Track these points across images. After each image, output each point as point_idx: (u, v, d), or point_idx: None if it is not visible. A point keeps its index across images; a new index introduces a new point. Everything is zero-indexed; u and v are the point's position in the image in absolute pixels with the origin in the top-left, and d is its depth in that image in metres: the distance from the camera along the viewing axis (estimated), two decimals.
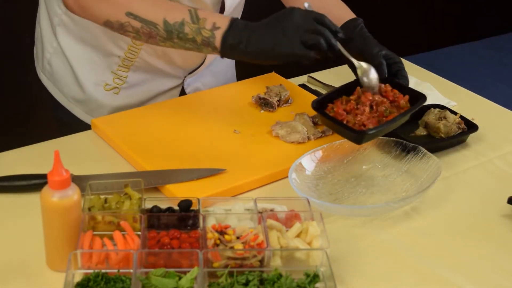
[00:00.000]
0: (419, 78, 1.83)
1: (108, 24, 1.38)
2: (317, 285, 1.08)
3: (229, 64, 1.84)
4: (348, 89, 1.43)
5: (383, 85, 1.42)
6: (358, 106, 1.38)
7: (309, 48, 1.32)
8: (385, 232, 1.26)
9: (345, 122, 1.35)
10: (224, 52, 1.34)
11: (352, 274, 1.16)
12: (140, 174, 1.36)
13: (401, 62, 1.49)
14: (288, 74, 1.81)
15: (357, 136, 1.34)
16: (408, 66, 1.94)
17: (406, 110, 1.39)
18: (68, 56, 1.63)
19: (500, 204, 1.34)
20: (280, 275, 1.07)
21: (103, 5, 1.36)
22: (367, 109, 1.36)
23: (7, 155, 1.45)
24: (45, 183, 1.09)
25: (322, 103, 1.41)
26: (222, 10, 1.58)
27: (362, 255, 1.20)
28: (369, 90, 1.41)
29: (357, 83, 1.43)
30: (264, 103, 1.61)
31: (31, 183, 1.31)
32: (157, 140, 1.46)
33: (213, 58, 1.70)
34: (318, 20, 1.34)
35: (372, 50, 1.46)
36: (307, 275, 1.08)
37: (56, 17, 1.62)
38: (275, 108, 1.60)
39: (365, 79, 1.41)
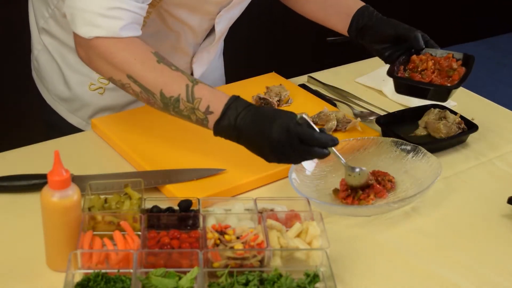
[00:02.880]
0: None
1: (112, 81, 1.37)
2: (317, 285, 1.08)
3: (218, 66, 1.83)
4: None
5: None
6: (422, 72, 1.47)
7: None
8: (385, 232, 1.26)
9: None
10: (217, 135, 1.31)
11: (352, 274, 1.16)
12: (140, 174, 1.36)
13: (425, 34, 1.56)
14: (288, 74, 1.81)
15: (447, 89, 1.44)
16: None
17: (468, 68, 1.48)
18: (54, 55, 1.63)
19: (500, 204, 1.34)
20: (280, 275, 1.07)
21: (107, 64, 1.35)
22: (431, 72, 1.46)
23: (7, 155, 1.45)
24: (45, 183, 1.09)
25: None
26: (212, 31, 1.59)
27: (362, 255, 1.20)
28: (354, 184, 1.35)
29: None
30: (264, 103, 1.61)
31: (31, 183, 1.31)
32: (157, 140, 1.47)
33: (203, 69, 1.69)
34: (302, 137, 1.24)
35: (401, 28, 1.53)
36: (307, 275, 1.08)
37: (42, 19, 1.61)
38: None
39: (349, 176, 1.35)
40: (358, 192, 1.33)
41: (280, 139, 1.24)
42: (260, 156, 1.29)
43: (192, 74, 1.65)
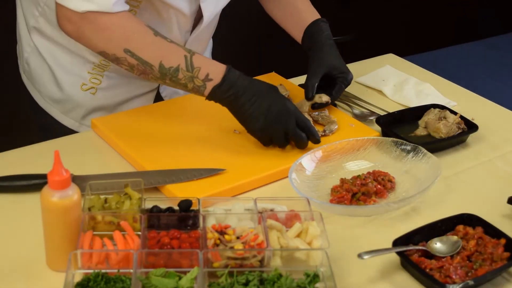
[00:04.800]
0: (419, 78, 1.83)
1: (103, 54, 1.40)
2: (317, 285, 1.08)
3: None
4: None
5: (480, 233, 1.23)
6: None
7: (272, 141, 1.42)
8: (385, 232, 1.26)
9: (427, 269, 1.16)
10: (210, 99, 1.40)
11: (352, 274, 1.16)
12: (140, 174, 1.36)
13: (345, 77, 1.59)
14: (288, 74, 1.81)
15: None
16: (408, 66, 1.94)
17: (500, 267, 1.16)
18: (44, 56, 1.62)
19: (500, 204, 1.34)
20: (280, 275, 1.07)
21: (101, 37, 1.37)
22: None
23: (7, 155, 1.45)
24: (45, 183, 1.09)
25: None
26: (200, 17, 1.58)
27: None
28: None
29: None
30: None
31: (31, 183, 1.31)
32: (157, 140, 1.46)
33: (198, 48, 1.68)
34: (299, 121, 1.40)
35: (332, 69, 1.58)
36: (307, 275, 1.08)
37: (33, 18, 1.60)
38: None
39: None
40: (357, 193, 1.33)
41: (280, 113, 1.37)
42: (244, 123, 1.39)
43: None
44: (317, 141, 1.43)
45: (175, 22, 1.55)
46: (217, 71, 1.38)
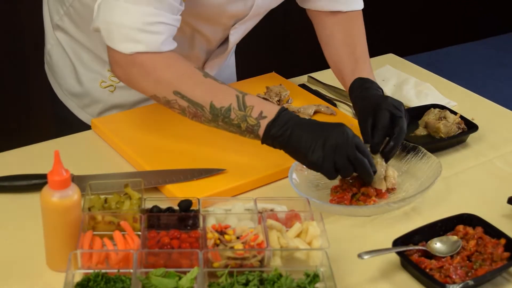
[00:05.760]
0: (419, 78, 1.83)
1: (154, 98, 1.35)
2: (317, 285, 1.08)
3: (229, 65, 1.84)
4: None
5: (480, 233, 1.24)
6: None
7: (337, 170, 1.28)
8: (385, 232, 1.26)
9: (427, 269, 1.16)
10: (266, 140, 1.31)
11: (352, 274, 1.16)
12: (140, 174, 1.36)
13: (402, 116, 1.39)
14: (288, 74, 1.81)
15: None
16: (408, 66, 1.94)
17: (500, 267, 1.16)
18: (67, 50, 1.63)
19: (500, 204, 1.34)
20: (280, 275, 1.07)
21: (150, 80, 1.32)
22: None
23: (7, 155, 1.45)
24: (45, 183, 1.09)
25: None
26: (226, 40, 1.58)
27: None
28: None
29: None
30: None
31: (31, 183, 1.31)
32: (157, 140, 1.47)
33: (214, 73, 1.67)
34: (359, 148, 1.28)
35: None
36: (307, 275, 1.08)
37: (57, 16, 1.62)
38: None
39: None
40: (357, 193, 1.33)
41: (338, 139, 1.25)
42: (304, 159, 1.28)
43: None
44: (373, 172, 1.31)
45: (198, 43, 1.56)
46: (270, 108, 1.30)
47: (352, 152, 1.26)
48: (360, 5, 1.63)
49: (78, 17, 1.57)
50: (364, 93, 1.46)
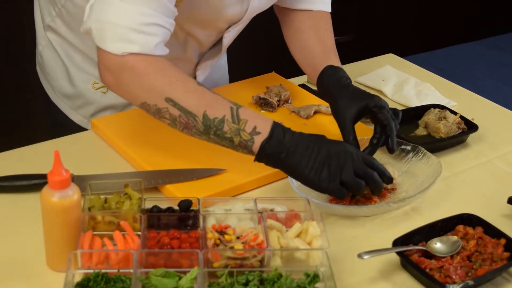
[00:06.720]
0: (419, 78, 1.83)
1: (144, 106, 1.30)
2: (317, 285, 1.08)
3: (221, 65, 1.83)
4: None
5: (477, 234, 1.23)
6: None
7: (348, 189, 1.25)
8: (385, 232, 1.26)
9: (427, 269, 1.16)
10: (260, 158, 1.27)
11: (352, 274, 1.16)
12: (140, 174, 1.36)
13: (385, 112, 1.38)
14: (288, 74, 1.81)
15: None
16: (408, 66, 1.94)
17: (500, 267, 1.16)
18: (58, 51, 1.63)
19: (500, 204, 1.34)
20: (280, 275, 1.07)
21: (141, 85, 1.27)
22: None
23: (7, 155, 1.45)
24: (45, 183, 1.09)
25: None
26: (218, 42, 1.58)
27: None
28: None
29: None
30: (264, 103, 1.61)
31: (31, 183, 1.31)
32: (157, 140, 1.46)
33: (206, 74, 1.66)
34: (368, 162, 1.26)
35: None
36: (307, 275, 1.08)
37: (49, 17, 1.61)
38: (275, 108, 1.61)
39: None
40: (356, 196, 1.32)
41: (340, 151, 1.23)
42: (306, 180, 1.24)
43: (195, 78, 1.64)
44: (390, 180, 1.29)
45: (191, 45, 1.55)
46: (265, 124, 1.26)
47: (362, 169, 1.24)
48: (328, 8, 1.61)
49: (71, 18, 1.56)
50: (341, 83, 1.43)
